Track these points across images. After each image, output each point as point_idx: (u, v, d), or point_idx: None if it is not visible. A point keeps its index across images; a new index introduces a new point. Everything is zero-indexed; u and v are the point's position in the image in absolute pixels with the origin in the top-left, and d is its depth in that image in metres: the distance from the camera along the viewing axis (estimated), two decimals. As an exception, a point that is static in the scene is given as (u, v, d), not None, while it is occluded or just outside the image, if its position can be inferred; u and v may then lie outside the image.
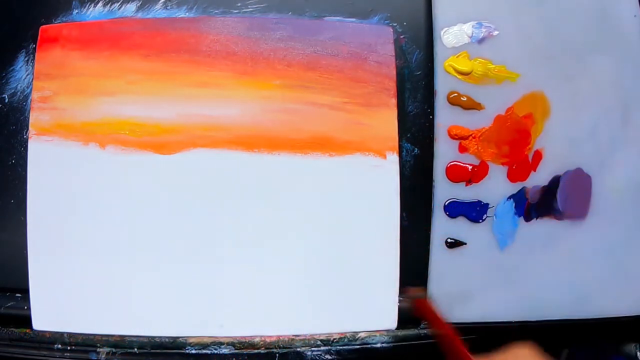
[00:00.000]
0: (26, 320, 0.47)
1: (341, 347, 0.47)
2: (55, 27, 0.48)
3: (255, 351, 0.47)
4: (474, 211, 0.48)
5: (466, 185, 0.48)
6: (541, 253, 0.49)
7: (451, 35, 0.48)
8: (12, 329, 0.47)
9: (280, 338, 0.47)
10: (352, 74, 0.48)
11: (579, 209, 0.50)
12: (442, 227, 0.48)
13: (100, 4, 0.48)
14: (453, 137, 0.48)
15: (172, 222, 0.47)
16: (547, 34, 0.49)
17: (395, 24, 0.49)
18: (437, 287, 0.48)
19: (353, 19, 0.49)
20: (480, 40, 0.48)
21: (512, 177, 0.48)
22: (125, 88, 0.47)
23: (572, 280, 0.50)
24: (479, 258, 0.48)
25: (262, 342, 0.47)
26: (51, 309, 0.47)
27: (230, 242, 0.47)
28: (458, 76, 0.48)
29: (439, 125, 0.48)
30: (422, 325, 0.49)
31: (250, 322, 0.47)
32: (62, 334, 0.47)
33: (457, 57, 0.48)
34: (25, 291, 0.47)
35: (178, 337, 0.47)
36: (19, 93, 0.48)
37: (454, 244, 0.48)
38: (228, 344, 0.47)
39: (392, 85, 0.48)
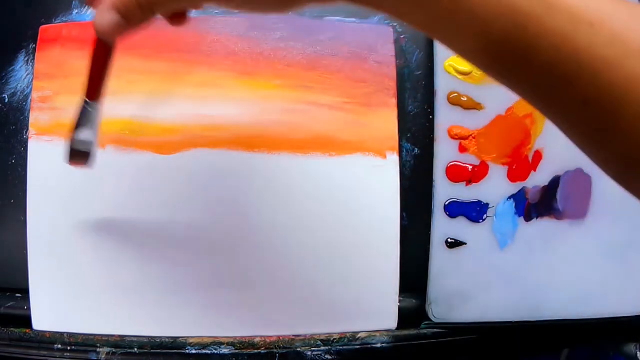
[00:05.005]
0: (26, 320, 0.47)
1: (341, 347, 0.47)
2: (55, 27, 0.48)
3: (256, 351, 0.47)
4: (474, 211, 0.48)
5: (466, 185, 0.48)
6: (541, 253, 0.49)
7: (451, 35, 0.48)
8: (12, 329, 0.47)
9: (281, 338, 0.47)
10: (353, 74, 0.48)
11: (579, 209, 0.50)
12: (442, 227, 0.48)
13: (100, 4, 0.48)
14: (453, 137, 0.48)
15: (172, 222, 0.47)
16: (547, 34, 0.49)
17: (395, 24, 0.49)
18: (437, 287, 0.48)
19: (353, 19, 0.49)
20: (481, 40, 0.48)
21: (512, 177, 0.48)
22: (125, 88, 0.47)
23: (572, 280, 0.50)
24: (479, 258, 0.48)
25: (262, 342, 0.47)
26: (51, 309, 0.47)
27: (230, 242, 0.47)
28: (458, 76, 0.48)
29: (439, 125, 0.48)
30: (422, 325, 0.49)
31: (251, 322, 0.47)
32: (62, 334, 0.47)
33: (457, 57, 0.48)
34: (25, 291, 0.47)
35: (178, 337, 0.47)
36: (19, 93, 0.48)
37: (454, 244, 0.48)
38: (228, 344, 0.47)
39: (392, 85, 0.48)
